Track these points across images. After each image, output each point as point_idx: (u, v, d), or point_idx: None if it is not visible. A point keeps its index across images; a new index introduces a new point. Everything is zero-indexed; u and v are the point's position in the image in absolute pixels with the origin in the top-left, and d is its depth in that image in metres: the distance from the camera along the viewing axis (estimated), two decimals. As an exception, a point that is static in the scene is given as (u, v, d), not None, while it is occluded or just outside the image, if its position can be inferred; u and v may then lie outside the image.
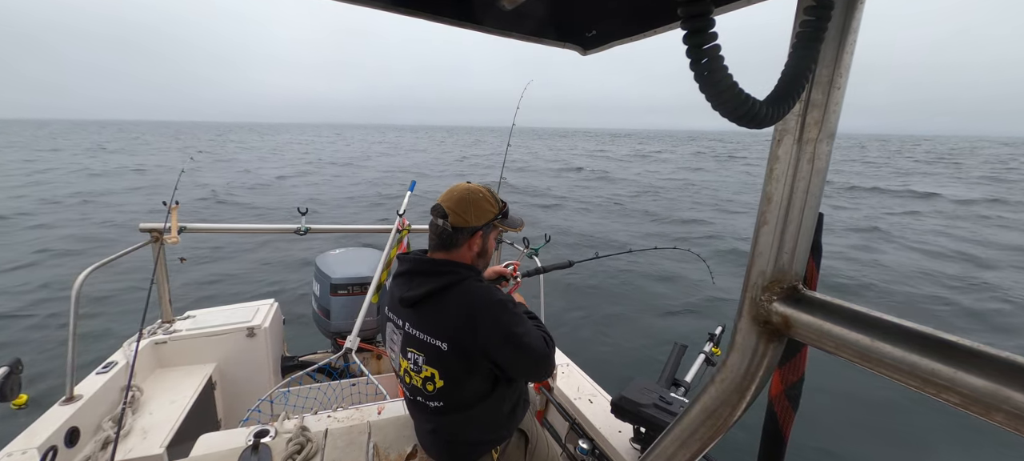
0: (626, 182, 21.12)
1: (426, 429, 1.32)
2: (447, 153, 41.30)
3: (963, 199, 17.36)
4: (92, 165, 23.30)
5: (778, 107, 0.38)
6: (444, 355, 1.14)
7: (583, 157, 37.40)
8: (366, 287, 2.64)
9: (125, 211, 11.79)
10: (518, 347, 1.13)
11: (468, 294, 1.15)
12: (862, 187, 20.26)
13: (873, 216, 13.34)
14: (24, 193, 13.97)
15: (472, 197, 1.24)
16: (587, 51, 0.95)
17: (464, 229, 1.21)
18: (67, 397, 1.72)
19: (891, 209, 14.93)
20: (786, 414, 0.59)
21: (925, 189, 19.91)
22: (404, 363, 1.23)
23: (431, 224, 1.26)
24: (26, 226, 9.83)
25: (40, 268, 7.15)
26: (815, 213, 0.46)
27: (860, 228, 11.60)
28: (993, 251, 9.63)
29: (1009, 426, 0.30)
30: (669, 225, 12.03)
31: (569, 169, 26.57)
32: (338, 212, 13.02)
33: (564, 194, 16.79)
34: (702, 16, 0.35)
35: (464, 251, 1.23)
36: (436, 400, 1.20)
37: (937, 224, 12.60)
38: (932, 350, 0.34)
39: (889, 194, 18.49)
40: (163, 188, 9.13)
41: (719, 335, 2.18)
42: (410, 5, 0.70)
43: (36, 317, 5.39)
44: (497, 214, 1.28)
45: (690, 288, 6.87)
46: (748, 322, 0.48)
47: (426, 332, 1.16)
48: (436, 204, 1.25)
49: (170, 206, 2.25)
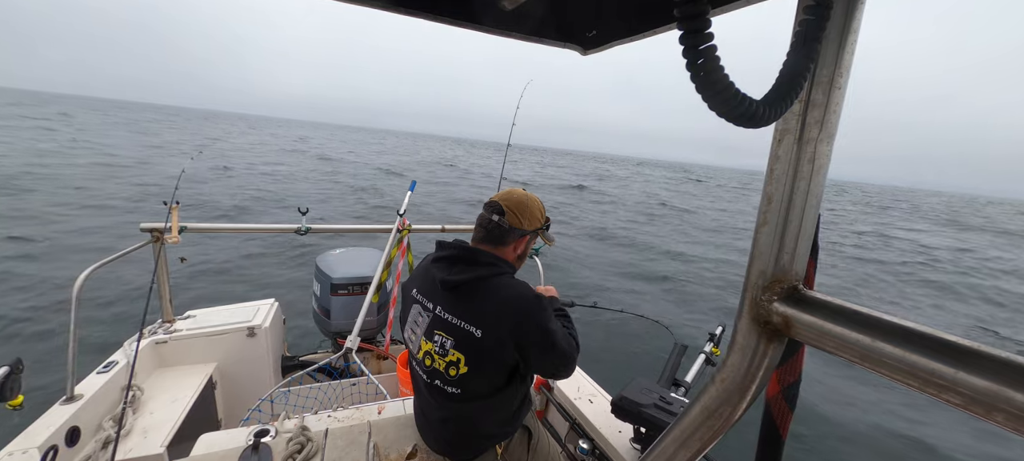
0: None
1: (436, 417, 1.33)
2: (429, 158, 41.10)
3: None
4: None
5: (775, 107, 0.38)
6: (475, 341, 1.16)
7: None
8: (366, 287, 2.65)
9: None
10: (549, 345, 1.18)
11: (507, 288, 1.19)
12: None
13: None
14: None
15: (528, 202, 1.32)
16: (587, 51, 0.95)
17: (515, 229, 1.28)
18: (68, 396, 1.72)
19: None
20: (783, 414, 0.59)
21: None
22: (427, 346, 1.24)
23: (482, 217, 1.31)
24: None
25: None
26: (815, 213, 0.46)
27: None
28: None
29: (1009, 426, 0.30)
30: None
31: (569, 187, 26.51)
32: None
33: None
34: (699, 17, 0.35)
35: (509, 250, 1.29)
36: (455, 386, 1.21)
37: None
38: (932, 350, 0.34)
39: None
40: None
41: (719, 335, 2.19)
42: (410, 5, 0.70)
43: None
44: (543, 224, 1.37)
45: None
46: (748, 322, 0.48)
47: (460, 317, 1.19)
48: (492, 200, 1.32)
49: (170, 206, 2.25)
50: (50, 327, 4.94)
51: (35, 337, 4.78)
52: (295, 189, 16.08)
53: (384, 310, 2.91)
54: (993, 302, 10.06)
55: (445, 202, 16.75)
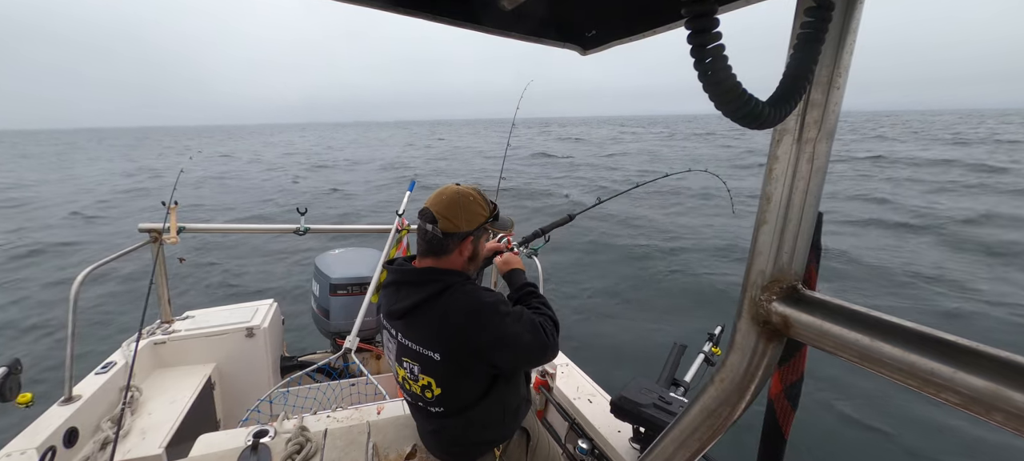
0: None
1: (428, 430, 1.33)
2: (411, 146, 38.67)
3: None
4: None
5: (780, 108, 0.38)
6: (437, 365, 1.13)
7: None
8: (365, 287, 2.64)
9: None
10: (513, 346, 1.13)
11: (456, 303, 1.12)
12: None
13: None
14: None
15: (462, 201, 1.19)
16: (587, 51, 0.95)
17: (454, 234, 1.16)
18: (66, 397, 1.72)
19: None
20: (786, 413, 0.59)
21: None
22: (401, 371, 1.23)
23: (419, 229, 1.21)
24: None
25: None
26: (815, 213, 0.46)
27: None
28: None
29: (1009, 426, 0.30)
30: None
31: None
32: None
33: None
34: (706, 15, 0.35)
35: (454, 257, 1.20)
36: (436, 406, 1.20)
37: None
38: (932, 350, 0.34)
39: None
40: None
41: (719, 335, 2.18)
42: (410, 5, 0.70)
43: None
44: (488, 217, 1.24)
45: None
46: (748, 322, 0.48)
47: (418, 343, 1.15)
48: (424, 208, 1.19)
49: (169, 206, 2.25)
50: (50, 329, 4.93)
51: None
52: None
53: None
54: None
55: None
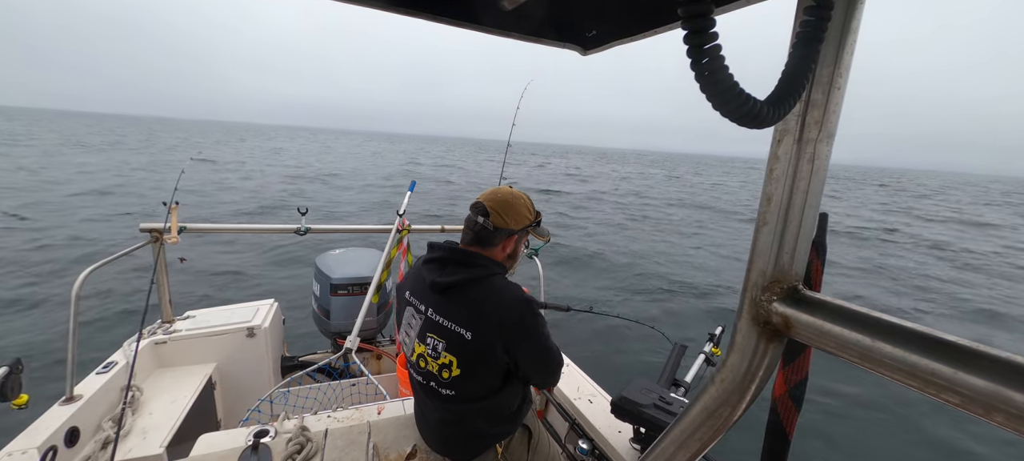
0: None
1: (433, 418, 1.33)
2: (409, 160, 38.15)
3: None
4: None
5: (779, 107, 0.38)
6: (466, 344, 1.15)
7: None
8: (366, 287, 2.64)
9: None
10: (539, 350, 1.18)
11: (498, 290, 1.17)
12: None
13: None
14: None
15: (514, 201, 1.28)
16: (587, 51, 0.95)
17: (502, 230, 1.24)
18: (67, 397, 1.72)
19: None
20: (789, 414, 0.59)
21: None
22: (420, 348, 1.24)
23: (468, 219, 1.28)
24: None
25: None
26: (815, 213, 0.46)
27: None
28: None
29: (1009, 426, 0.30)
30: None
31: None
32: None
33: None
34: (703, 16, 0.35)
35: (498, 250, 1.27)
36: (449, 388, 1.21)
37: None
38: (932, 350, 0.34)
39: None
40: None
41: (719, 335, 2.18)
42: (410, 5, 0.70)
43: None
44: (532, 222, 1.33)
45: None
46: (748, 322, 0.48)
47: (451, 319, 1.18)
48: (477, 202, 1.28)
49: (170, 206, 2.25)
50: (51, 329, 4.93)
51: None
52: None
53: (384, 311, 2.91)
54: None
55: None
